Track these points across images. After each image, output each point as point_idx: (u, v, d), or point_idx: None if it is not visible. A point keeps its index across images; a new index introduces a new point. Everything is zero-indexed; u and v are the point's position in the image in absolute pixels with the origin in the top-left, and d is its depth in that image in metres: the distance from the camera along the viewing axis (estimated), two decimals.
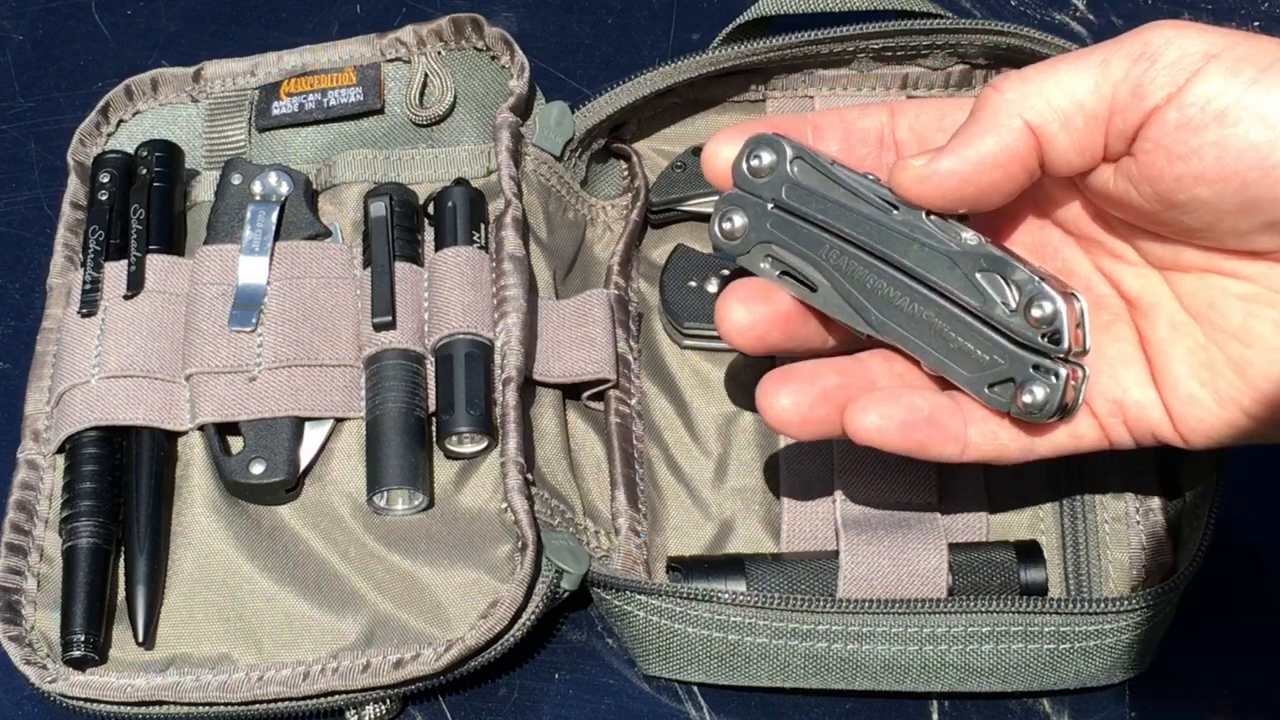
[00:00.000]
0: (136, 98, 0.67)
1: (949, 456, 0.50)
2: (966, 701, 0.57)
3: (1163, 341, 0.50)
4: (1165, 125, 0.45)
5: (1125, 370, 0.50)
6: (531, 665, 0.58)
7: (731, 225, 0.52)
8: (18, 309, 0.67)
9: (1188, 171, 0.45)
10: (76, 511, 0.56)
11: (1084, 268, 0.52)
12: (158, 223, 0.62)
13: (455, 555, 0.56)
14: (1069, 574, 0.57)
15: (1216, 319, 0.48)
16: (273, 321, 0.59)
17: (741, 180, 0.52)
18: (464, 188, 0.62)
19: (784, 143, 0.51)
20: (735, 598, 0.53)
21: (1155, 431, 0.50)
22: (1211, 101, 0.44)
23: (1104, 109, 0.46)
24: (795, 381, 0.51)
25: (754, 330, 0.52)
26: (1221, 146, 0.44)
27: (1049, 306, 0.47)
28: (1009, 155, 0.47)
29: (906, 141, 0.52)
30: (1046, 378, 0.48)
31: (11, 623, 0.55)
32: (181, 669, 0.54)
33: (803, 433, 0.51)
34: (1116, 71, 0.46)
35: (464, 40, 0.66)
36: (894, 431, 0.49)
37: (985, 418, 0.50)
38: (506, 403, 0.57)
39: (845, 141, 0.53)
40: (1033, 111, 0.47)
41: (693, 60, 0.64)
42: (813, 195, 0.51)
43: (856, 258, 0.50)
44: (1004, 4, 0.75)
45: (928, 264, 0.49)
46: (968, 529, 0.58)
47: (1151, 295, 0.50)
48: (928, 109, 0.52)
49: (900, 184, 0.49)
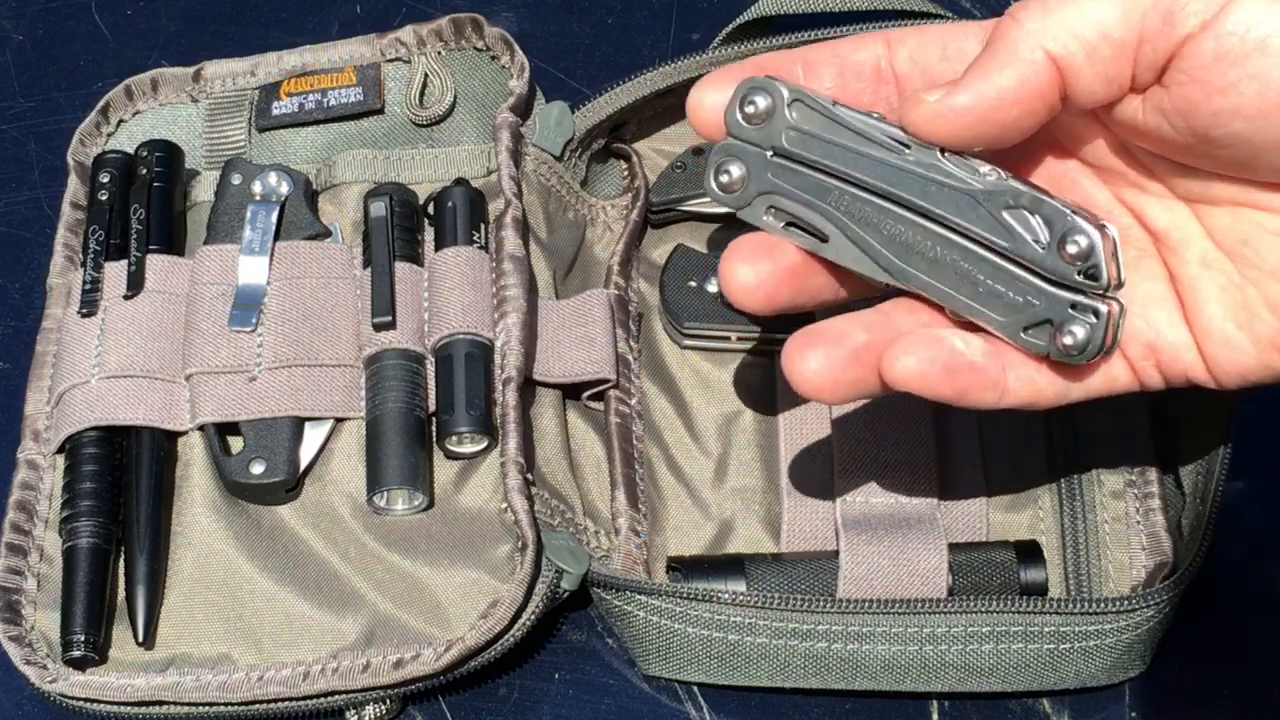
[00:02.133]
0: (136, 98, 0.67)
1: (987, 403, 0.48)
2: (966, 701, 0.57)
3: (1194, 280, 0.47)
4: (1201, 56, 0.42)
5: (1157, 311, 0.48)
6: (531, 665, 0.58)
7: (729, 177, 0.49)
8: (18, 309, 0.67)
9: (1225, 105, 0.42)
10: (76, 511, 0.56)
11: (1104, 199, 0.49)
12: (158, 223, 0.62)
13: (455, 555, 0.56)
14: (1069, 574, 0.57)
15: (1252, 256, 0.46)
16: (273, 321, 0.59)
17: (736, 129, 0.49)
18: (464, 188, 0.62)
19: (780, 85, 0.48)
20: (735, 598, 0.53)
21: (1188, 373, 0.48)
22: (1251, 29, 0.41)
23: (1132, 38, 0.43)
24: (823, 343, 0.48)
25: (761, 289, 0.49)
26: (1263, 79, 0.42)
27: (1084, 241, 0.45)
28: (1030, 90, 0.44)
29: (908, 74, 0.49)
30: (1086, 316, 0.46)
31: (11, 623, 0.55)
32: (181, 669, 0.54)
33: (835, 396, 0.48)
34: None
35: (464, 40, 0.66)
36: (937, 375, 0.46)
37: (1023, 362, 0.48)
38: (506, 403, 0.57)
39: (840, 77, 0.49)
40: (1055, 42, 0.44)
41: (693, 60, 0.64)
42: (815, 139, 0.48)
43: (869, 203, 0.47)
44: (1004, 4, 0.75)
45: (948, 204, 0.46)
46: (968, 529, 0.58)
47: (1180, 230, 0.48)
48: (928, 36, 0.49)
49: (913, 121, 0.46)
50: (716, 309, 0.62)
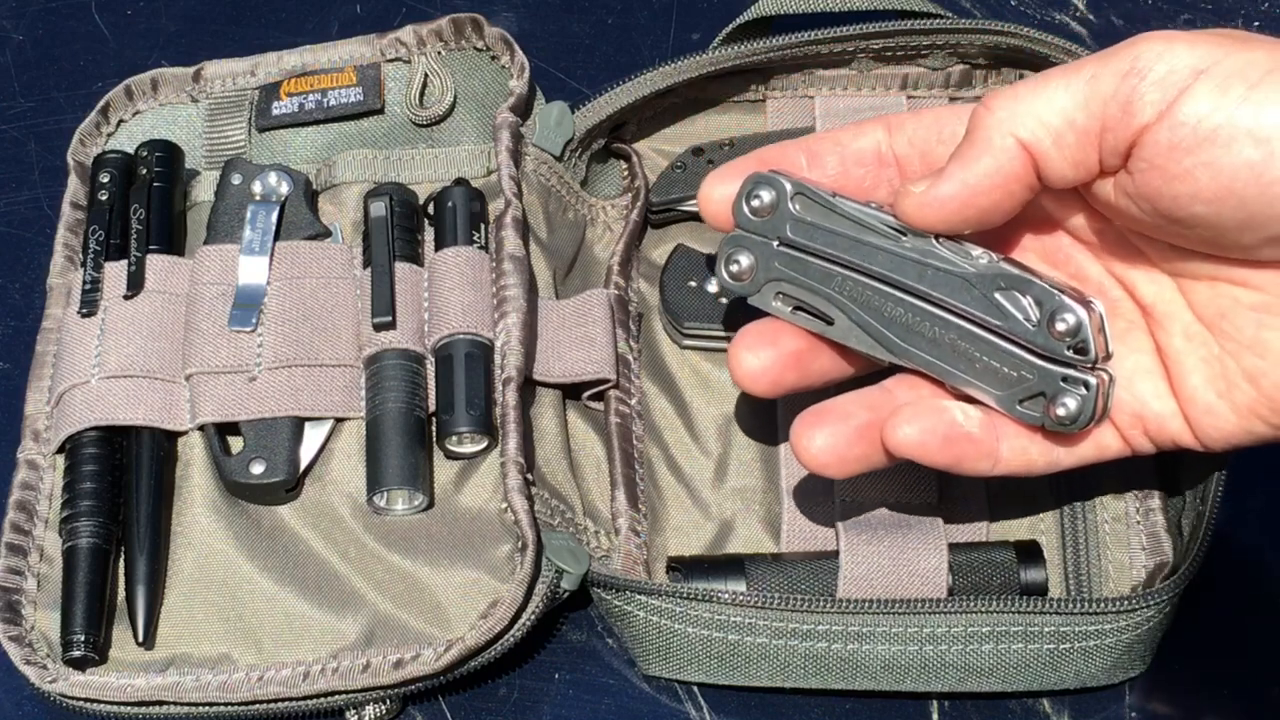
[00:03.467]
0: (136, 98, 0.67)
1: (980, 471, 0.50)
2: (966, 701, 0.57)
3: (1178, 352, 0.49)
4: (1157, 145, 0.44)
5: (1144, 382, 0.50)
6: (531, 665, 0.58)
7: (739, 267, 0.52)
8: (18, 309, 0.67)
9: (1184, 191, 0.45)
10: (76, 511, 0.56)
11: (1096, 272, 0.52)
12: (158, 223, 0.62)
13: (455, 555, 0.56)
14: (1069, 574, 0.57)
15: (1229, 329, 0.48)
16: (273, 321, 0.59)
17: (743, 221, 0.52)
18: (464, 188, 0.62)
19: (782, 179, 0.51)
20: (735, 598, 0.53)
21: (1175, 439, 0.50)
22: (1202, 121, 0.43)
23: (1095, 125, 0.45)
24: (828, 422, 0.50)
25: (767, 375, 0.52)
26: (1215, 167, 0.44)
27: (1072, 319, 0.47)
28: (1005, 175, 0.47)
29: (907, 156, 0.52)
30: (1077, 388, 0.48)
31: (11, 623, 0.55)
32: (181, 669, 0.54)
33: (841, 472, 0.51)
34: (1106, 87, 0.45)
35: (464, 40, 0.66)
36: (935, 445, 0.49)
37: (1016, 433, 0.50)
38: (506, 403, 0.57)
39: (842, 164, 0.52)
40: (1024, 129, 0.46)
41: (693, 60, 0.64)
42: (818, 229, 0.50)
43: (871, 287, 0.50)
44: (1004, 4, 0.75)
45: (944, 287, 0.49)
46: (968, 529, 0.58)
47: (1165, 303, 0.50)
48: (924, 120, 0.52)
49: (903, 212, 0.49)
50: (716, 309, 0.62)
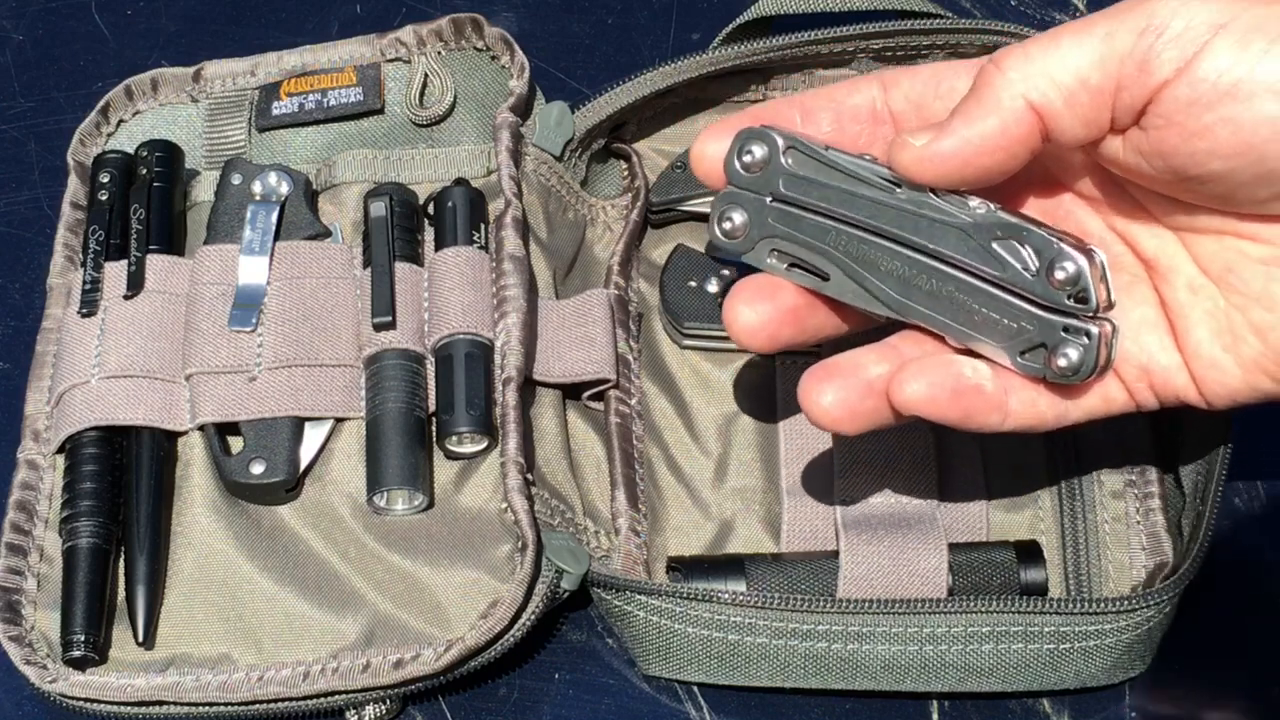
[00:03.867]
0: (136, 98, 0.67)
1: (990, 426, 0.49)
2: (966, 701, 0.57)
3: (1182, 305, 0.49)
4: (1176, 101, 0.44)
5: (1149, 335, 0.50)
6: (531, 665, 0.58)
7: (732, 224, 0.51)
8: (18, 309, 0.67)
9: (1201, 147, 0.44)
10: (76, 511, 0.56)
11: (1097, 228, 0.51)
12: (158, 223, 0.62)
13: (455, 555, 0.56)
14: (1069, 574, 0.57)
15: (1236, 282, 0.47)
16: (273, 321, 0.59)
17: (735, 177, 0.51)
18: (464, 188, 0.62)
19: (774, 134, 0.50)
20: (735, 598, 0.53)
21: (1180, 394, 0.49)
22: (1223, 76, 0.43)
23: (1110, 84, 0.45)
24: (837, 376, 0.49)
25: (764, 330, 0.51)
26: (1235, 122, 0.43)
27: (1072, 266, 0.46)
28: (1011, 137, 0.46)
29: (903, 112, 0.51)
30: (1079, 338, 0.47)
31: (11, 623, 0.55)
32: (181, 669, 0.54)
33: (854, 427, 0.50)
34: (1122, 45, 0.44)
35: (464, 40, 0.66)
36: (945, 399, 0.48)
37: (1023, 385, 0.49)
38: (506, 403, 0.57)
39: (837, 121, 0.51)
40: (1035, 90, 0.45)
41: (693, 60, 0.64)
42: (811, 184, 0.50)
43: (866, 241, 0.49)
44: (1004, 4, 0.75)
45: (940, 239, 0.48)
46: (968, 529, 0.58)
47: (1168, 257, 0.49)
48: (921, 76, 0.51)
49: (901, 164, 0.48)
50: (716, 309, 0.62)
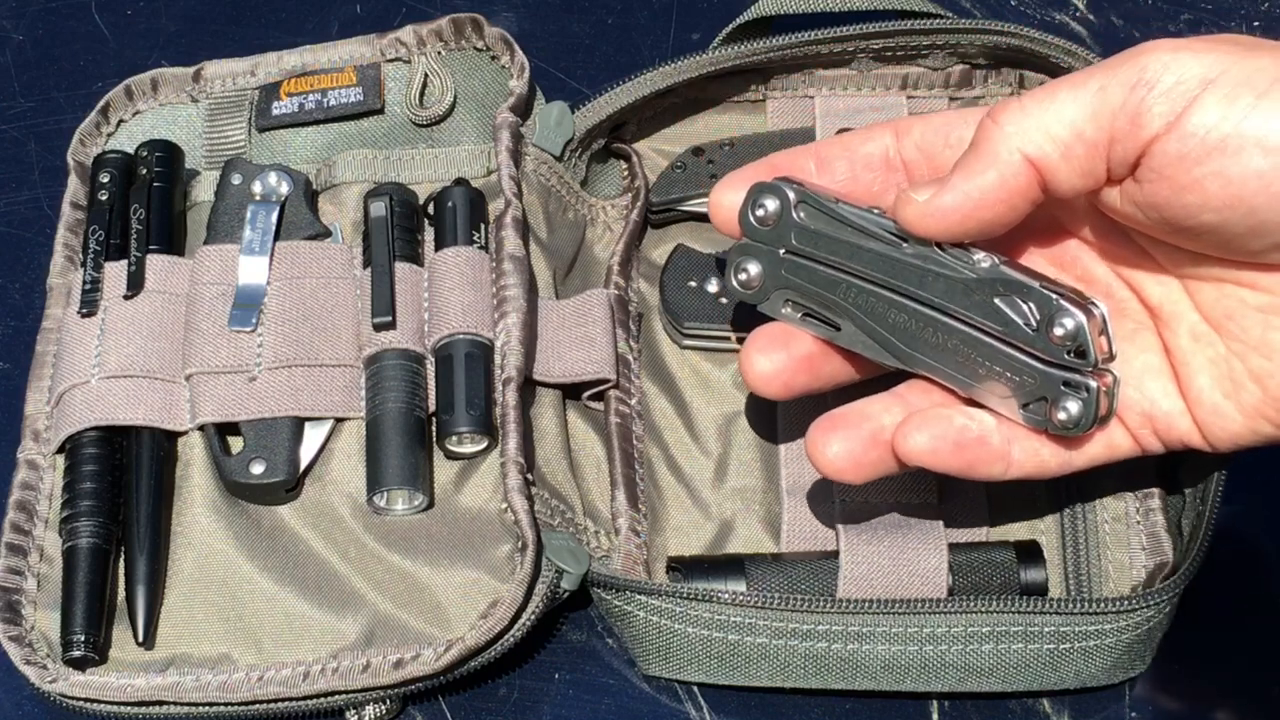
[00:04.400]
0: (136, 98, 0.67)
1: (994, 475, 0.51)
2: (966, 701, 0.57)
3: (1185, 352, 0.50)
4: (1166, 155, 0.44)
5: (1152, 382, 0.50)
6: (531, 665, 0.58)
7: (747, 275, 0.53)
8: (18, 309, 0.67)
9: (1193, 200, 0.45)
10: (76, 511, 0.56)
11: (1103, 274, 0.52)
12: (158, 223, 0.62)
13: (455, 555, 0.56)
14: (1069, 574, 0.57)
15: (1236, 330, 0.48)
16: (273, 321, 0.59)
17: (750, 230, 0.52)
18: (464, 188, 0.62)
19: (785, 188, 0.51)
20: (735, 598, 0.53)
21: (1184, 439, 0.50)
22: (1211, 131, 0.44)
23: (1103, 137, 0.46)
24: (842, 427, 0.51)
25: (779, 378, 0.52)
26: (1224, 176, 0.44)
27: (1070, 323, 0.47)
28: (1009, 190, 0.47)
29: (914, 161, 0.52)
30: (1078, 392, 0.48)
31: (11, 623, 0.55)
32: (181, 669, 0.54)
33: (859, 477, 0.51)
34: (1114, 99, 0.45)
35: (464, 40, 0.66)
36: (946, 451, 0.49)
37: (1026, 435, 0.50)
38: (506, 403, 0.57)
39: (850, 170, 0.53)
40: (1031, 144, 0.46)
41: (693, 60, 0.64)
42: (822, 237, 0.51)
43: (874, 294, 0.50)
44: (1004, 4, 0.75)
45: (945, 293, 0.49)
46: (968, 529, 0.58)
47: (1172, 304, 0.50)
48: (932, 125, 0.52)
49: (905, 220, 0.49)
50: (716, 309, 0.62)
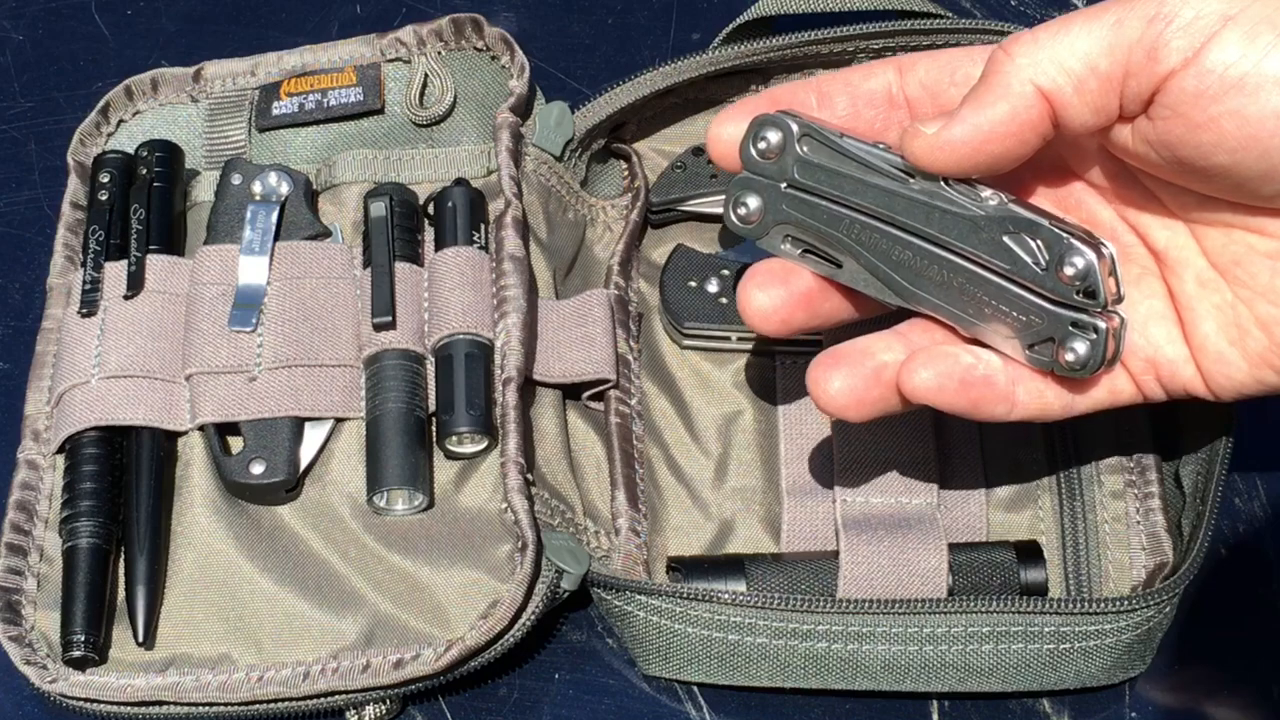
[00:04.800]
0: (136, 98, 0.67)
1: (997, 415, 0.50)
2: (966, 701, 0.57)
3: (1190, 298, 0.49)
4: (1183, 92, 0.44)
5: (1156, 327, 0.50)
6: (531, 665, 0.58)
7: (746, 209, 0.51)
8: (18, 309, 0.67)
9: (1207, 139, 0.44)
10: (76, 511, 0.56)
11: (1108, 218, 0.51)
12: (158, 223, 0.62)
13: (455, 555, 0.56)
14: (1069, 574, 0.57)
15: (1243, 276, 0.48)
16: (273, 321, 0.59)
17: (750, 163, 0.51)
18: (464, 188, 0.62)
19: (789, 120, 0.50)
20: (735, 598, 0.53)
21: (1187, 387, 0.50)
22: (1230, 68, 0.43)
23: (1118, 71, 0.45)
24: (845, 364, 0.50)
25: (777, 314, 0.51)
26: (1241, 115, 0.43)
27: (1081, 262, 0.46)
28: (1020, 123, 0.46)
29: (918, 98, 0.51)
30: (1086, 333, 0.47)
31: (11, 623, 0.55)
32: (181, 669, 0.54)
33: (860, 414, 0.50)
34: (1131, 32, 0.44)
35: (464, 40, 0.66)
36: (952, 388, 0.48)
37: (1030, 376, 0.50)
38: (506, 403, 0.57)
39: (852, 105, 0.51)
40: (1044, 76, 0.45)
41: (693, 60, 0.64)
42: (825, 171, 0.49)
43: (878, 230, 0.49)
44: (1004, 4, 0.75)
45: (951, 230, 0.48)
46: (968, 529, 0.58)
47: (1178, 249, 0.49)
48: (938, 61, 0.51)
49: (912, 153, 0.47)
50: (716, 309, 0.62)
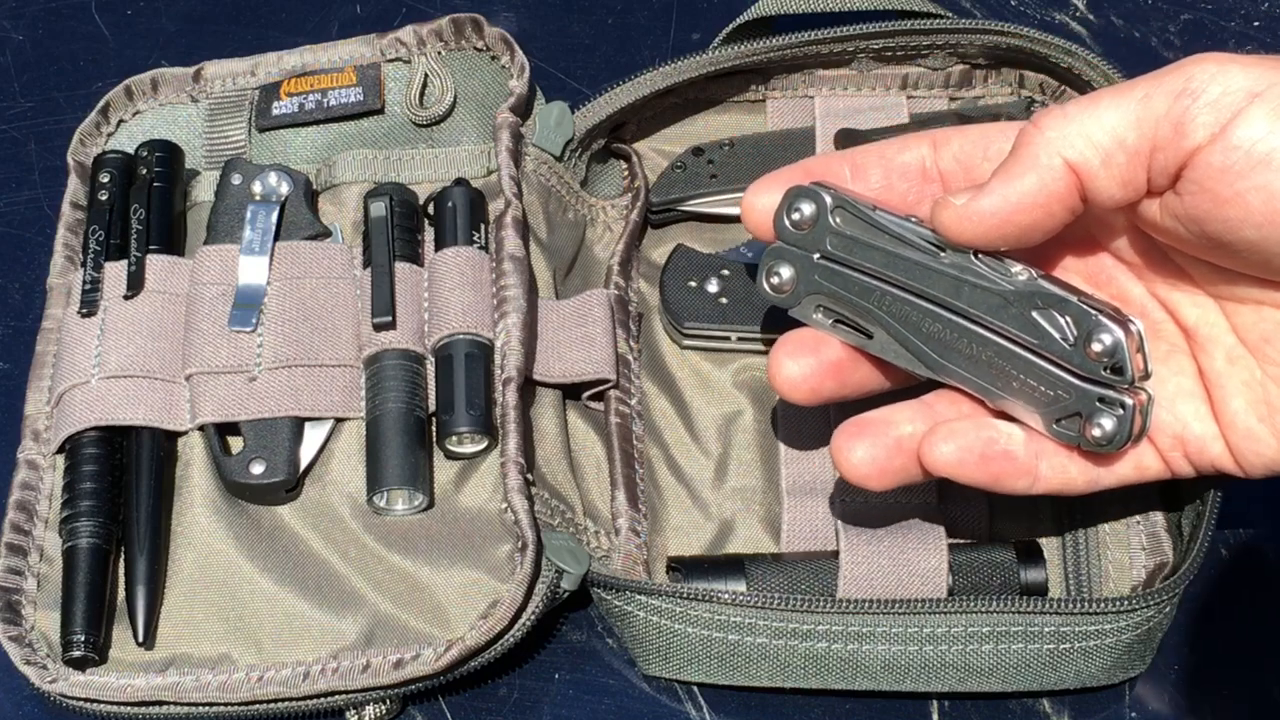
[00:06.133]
0: (136, 98, 0.67)
1: (1019, 489, 0.50)
2: (966, 701, 0.57)
3: (1220, 375, 0.49)
4: (1209, 167, 0.44)
5: (1185, 404, 0.50)
6: (531, 665, 0.58)
7: (780, 279, 0.52)
8: (18, 309, 0.67)
9: (1234, 215, 0.44)
10: (76, 511, 0.56)
11: (1139, 294, 0.51)
12: (158, 223, 0.62)
13: (455, 555, 0.56)
14: (1069, 574, 0.57)
15: (1272, 354, 0.48)
16: (273, 321, 0.59)
17: (784, 234, 0.51)
18: (464, 188, 0.62)
19: (823, 193, 0.50)
20: (735, 598, 0.53)
21: (1215, 463, 0.50)
22: (1257, 144, 0.43)
23: (1146, 145, 0.45)
24: (869, 434, 0.50)
25: (806, 383, 0.52)
26: (1268, 190, 0.43)
27: (1109, 339, 0.46)
28: (1049, 195, 0.46)
29: (952, 172, 0.51)
30: (1114, 409, 0.48)
31: (11, 623, 0.55)
32: (181, 669, 0.54)
33: (882, 484, 0.50)
34: (1158, 107, 0.44)
35: (464, 40, 0.66)
36: (973, 463, 0.49)
37: (1055, 451, 0.50)
38: (506, 403, 0.57)
39: (886, 178, 0.52)
40: (1073, 150, 0.45)
41: (693, 60, 0.64)
42: (858, 244, 0.50)
43: (909, 303, 0.50)
44: (1004, 4, 0.75)
45: (981, 305, 0.48)
46: (968, 529, 0.58)
47: (1208, 326, 0.50)
48: (970, 137, 0.51)
49: (942, 224, 0.48)
50: (716, 309, 0.62)
